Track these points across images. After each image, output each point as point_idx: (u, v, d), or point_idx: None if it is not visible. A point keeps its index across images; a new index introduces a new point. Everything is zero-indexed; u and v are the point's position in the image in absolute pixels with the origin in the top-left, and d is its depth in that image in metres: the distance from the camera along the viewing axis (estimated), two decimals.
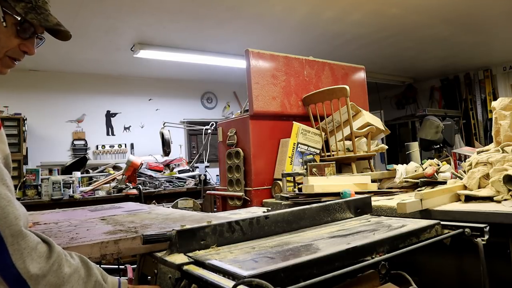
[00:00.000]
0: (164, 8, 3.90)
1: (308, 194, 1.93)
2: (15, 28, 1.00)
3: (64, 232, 1.24)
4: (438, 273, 1.45)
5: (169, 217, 1.55)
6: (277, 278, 0.79)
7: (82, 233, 1.20)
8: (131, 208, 1.93)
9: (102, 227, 1.32)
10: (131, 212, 1.73)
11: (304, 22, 4.51)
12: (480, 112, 7.17)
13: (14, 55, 1.04)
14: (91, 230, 1.26)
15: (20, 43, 1.03)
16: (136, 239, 1.10)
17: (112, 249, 1.07)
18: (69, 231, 1.25)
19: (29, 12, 1.00)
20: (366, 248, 0.99)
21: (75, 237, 1.14)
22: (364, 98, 3.16)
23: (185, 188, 4.37)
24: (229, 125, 2.75)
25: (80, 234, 1.18)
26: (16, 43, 1.02)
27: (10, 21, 0.99)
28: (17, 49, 1.04)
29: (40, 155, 5.60)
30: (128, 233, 1.17)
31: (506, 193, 1.46)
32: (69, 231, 1.26)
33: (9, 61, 1.05)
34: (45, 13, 1.04)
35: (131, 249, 1.10)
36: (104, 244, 1.05)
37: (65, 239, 1.11)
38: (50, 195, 3.72)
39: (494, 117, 1.81)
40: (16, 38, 1.02)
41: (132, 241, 1.10)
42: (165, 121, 4.60)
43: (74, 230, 1.28)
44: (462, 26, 4.88)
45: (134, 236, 1.11)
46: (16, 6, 0.99)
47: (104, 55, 5.27)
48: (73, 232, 1.22)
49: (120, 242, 1.08)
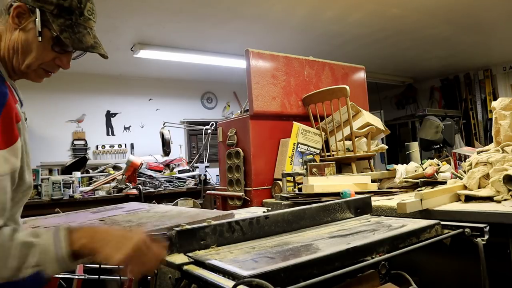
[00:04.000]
0: (164, 8, 3.90)
1: (308, 194, 1.93)
2: (50, 43, 1.00)
3: None
4: (438, 273, 1.45)
5: (166, 214, 1.55)
6: (277, 278, 0.79)
7: None
8: (132, 208, 1.93)
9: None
10: (131, 212, 1.74)
11: (304, 22, 4.51)
12: (480, 112, 7.17)
13: (48, 68, 1.05)
14: None
15: (55, 56, 1.03)
16: None
17: None
18: None
19: (65, 30, 0.99)
20: (366, 248, 0.99)
21: None
22: (364, 98, 3.16)
23: (185, 188, 4.36)
24: (229, 125, 2.75)
25: None
26: (51, 56, 1.02)
27: (47, 35, 0.99)
28: (51, 63, 1.04)
29: (40, 155, 5.59)
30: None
31: (506, 193, 1.46)
32: None
33: (43, 73, 1.06)
34: (82, 32, 1.02)
35: None
36: None
37: None
38: (50, 195, 3.72)
39: (494, 117, 1.81)
40: (51, 52, 1.01)
41: None
42: (165, 121, 4.60)
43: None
44: (462, 26, 4.88)
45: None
46: (54, 22, 0.98)
47: None
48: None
49: None
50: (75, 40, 1.00)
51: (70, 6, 1.00)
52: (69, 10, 1.00)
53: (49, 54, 1.01)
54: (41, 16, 0.97)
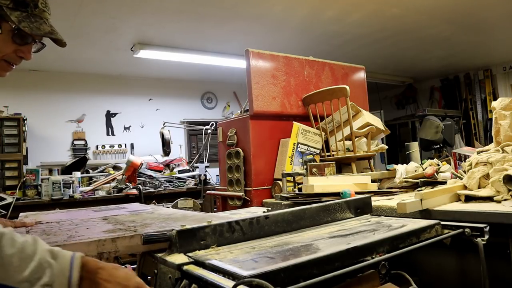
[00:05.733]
0: (164, 8, 3.90)
1: (308, 194, 1.93)
2: (10, 35, 1.06)
3: (64, 230, 1.25)
4: (438, 273, 1.45)
5: (171, 216, 1.55)
6: (277, 278, 0.79)
7: (81, 232, 1.21)
8: (134, 208, 1.93)
9: (102, 226, 1.32)
10: (134, 212, 1.74)
11: (304, 22, 4.51)
12: (480, 112, 7.17)
13: (10, 60, 1.10)
14: (91, 229, 1.27)
15: (16, 48, 1.09)
16: (134, 238, 1.10)
17: (109, 247, 1.06)
18: (69, 230, 1.25)
19: (23, 20, 1.05)
20: (366, 248, 0.99)
21: (73, 235, 1.14)
22: (364, 98, 3.16)
23: (185, 188, 4.36)
24: (229, 125, 2.75)
25: (79, 233, 1.19)
26: (12, 49, 1.08)
27: (6, 28, 1.05)
28: (13, 55, 1.10)
29: (40, 155, 5.60)
30: (127, 231, 1.17)
31: (506, 193, 1.46)
32: (69, 229, 1.26)
33: (6, 65, 1.11)
34: (39, 22, 1.09)
35: (129, 248, 1.10)
36: (101, 242, 1.05)
37: (64, 237, 1.11)
38: (50, 195, 3.72)
39: (494, 117, 1.81)
40: (12, 44, 1.07)
41: (130, 239, 1.10)
42: (165, 121, 4.60)
43: (75, 228, 1.28)
44: (462, 26, 4.88)
45: (132, 234, 1.11)
46: (12, 14, 1.04)
47: (104, 55, 5.26)
48: (72, 231, 1.22)
49: (118, 240, 1.08)
50: (33, 28, 1.07)
51: (24, 0, 1.06)
52: (24, 3, 1.06)
53: (10, 46, 1.07)
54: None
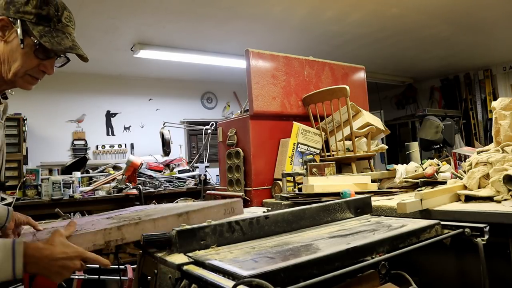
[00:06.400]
0: (164, 8, 3.90)
1: (308, 194, 1.93)
2: (33, 49, 1.07)
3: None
4: (438, 273, 1.45)
5: (174, 207, 1.57)
6: (277, 278, 0.79)
7: (87, 226, 1.21)
8: (137, 208, 1.95)
9: (107, 221, 1.33)
10: (137, 210, 1.75)
11: (304, 22, 4.51)
12: (480, 112, 7.17)
13: (34, 74, 1.12)
14: (96, 225, 1.28)
15: (39, 63, 1.10)
16: (140, 224, 1.10)
17: (115, 235, 1.07)
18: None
19: (44, 35, 1.07)
20: (366, 248, 0.99)
21: (79, 229, 1.15)
22: (364, 98, 3.16)
23: (185, 188, 4.36)
24: (229, 125, 2.75)
25: (85, 227, 1.19)
26: (36, 63, 1.10)
27: (29, 43, 1.06)
28: (36, 69, 1.11)
29: (40, 155, 5.60)
30: (131, 221, 1.17)
31: (506, 193, 1.46)
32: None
33: (30, 79, 1.13)
34: (61, 36, 1.10)
35: (135, 235, 1.10)
36: (107, 231, 1.06)
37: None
38: (50, 195, 3.72)
39: (494, 117, 1.81)
40: (35, 59, 1.09)
41: (135, 226, 1.10)
42: (165, 121, 4.60)
43: (80, 225, 1.29)
44: (462, 26, 4.88)
45: (137, 221, 1.11)
46: (34, 29, 1.06)
47: (104, 55, 5.26)
48: (78, 227, 1.23)
49: (123, 227, 1.09)
50: (54, 43, 1.08)
51: (48, 14, 1.08)
52: (47, 18, 1.08)
53: (33, 61, 1.09)
54: (22, 25, 1.05)
